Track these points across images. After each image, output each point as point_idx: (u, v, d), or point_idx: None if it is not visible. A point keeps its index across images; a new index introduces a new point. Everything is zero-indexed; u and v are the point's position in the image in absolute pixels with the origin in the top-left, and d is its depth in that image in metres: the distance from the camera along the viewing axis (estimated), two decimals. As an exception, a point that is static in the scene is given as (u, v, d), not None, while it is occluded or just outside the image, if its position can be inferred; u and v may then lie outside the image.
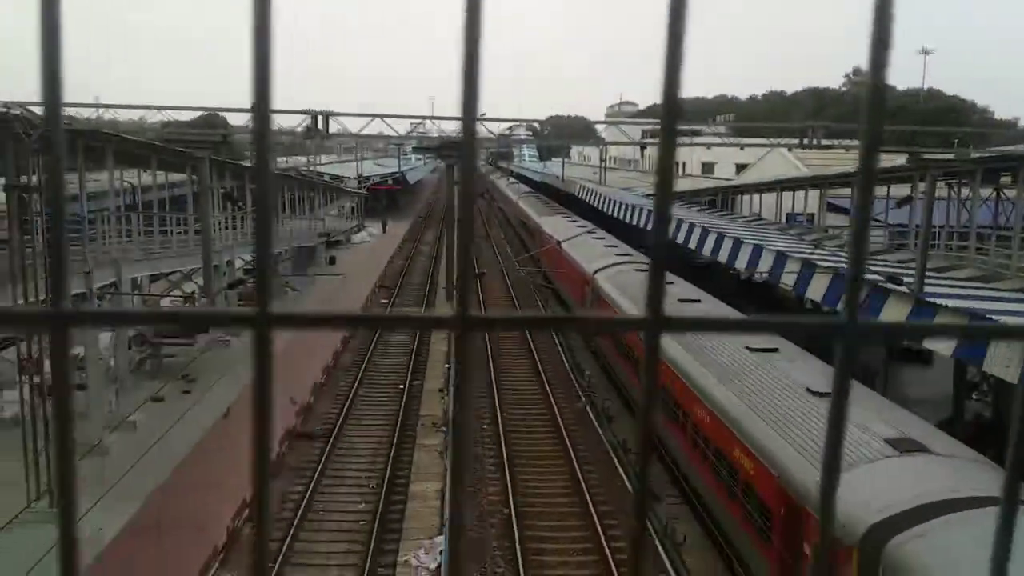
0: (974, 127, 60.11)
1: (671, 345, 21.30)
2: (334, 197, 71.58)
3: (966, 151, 27.59)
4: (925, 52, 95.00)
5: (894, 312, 19.26)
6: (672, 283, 28.58)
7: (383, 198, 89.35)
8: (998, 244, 26.68)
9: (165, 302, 34.54)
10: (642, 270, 31.32)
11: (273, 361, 0.88)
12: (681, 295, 26.02)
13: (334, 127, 37.46)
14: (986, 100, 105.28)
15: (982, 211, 30.04)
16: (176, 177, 44.00)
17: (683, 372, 19.46)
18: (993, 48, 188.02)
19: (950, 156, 27.46)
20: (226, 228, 36.39)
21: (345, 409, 25.74)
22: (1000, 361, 15.20)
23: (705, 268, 38.79)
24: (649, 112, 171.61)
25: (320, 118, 35.90)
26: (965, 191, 30.96)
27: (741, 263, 28.97)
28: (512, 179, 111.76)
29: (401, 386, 28.32)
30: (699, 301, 25.35)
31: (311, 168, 75.84)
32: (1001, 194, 31.39)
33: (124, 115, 41.31)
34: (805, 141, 38.20)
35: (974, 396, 24.64)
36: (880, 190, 38.11)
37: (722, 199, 55.94)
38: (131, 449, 19.93)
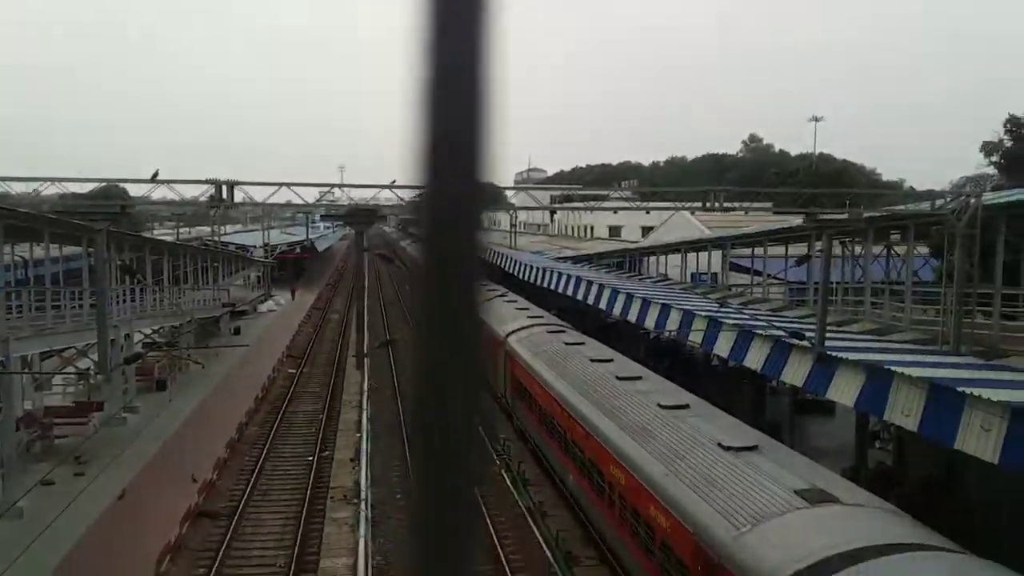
0: (864, 189, 63.32)
1: (583, 404, 21.32)
2: (240, 267, 70.17)
3: (858, 211, 28.82)
4: (815, 119, 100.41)
5: (798, 366, 19.79)
6: (583, 344, 28.84)
7: (291, 267, 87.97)
8: (891, 298, 27.87)
9: (58, 380, 32.84)
10: (553, 331, 31.49)
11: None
12: (594, 355, 26.21)
13: (239, 196, 36.80)
14: (873, 163, 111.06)
15: (875, 267, 31.44)
16: (72, 250, 42.37)
17: (596, 431, 19.44)
18: (877, 116, 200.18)
19: (844, 216, 28.69)
20: (124, 301, 35.03)
21: (251, 484, 24.70)
22: (900, 410, 15.71)
23: (614, 328, 39.29)
24: (557, 178, 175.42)
25: (224, 187, 35.25)
26: (858, 249, 32.41)
27: (650, 322, 29.44)
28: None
29: (310, 458, 27.43)
30: (611, 360, 25.53)
31: (215, 238, 74.29)
32: (892, 251, 33.00)
33: (17, 187, 39.70)
34: (707, 204, 39.52)
35: (876, 445, 25.37)
36: (779, 249, 39.59)
37: (629, 261, 57.07)
38: (17, 538, 18.58)
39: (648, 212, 67.66)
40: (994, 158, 58.07)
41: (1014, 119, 56.07)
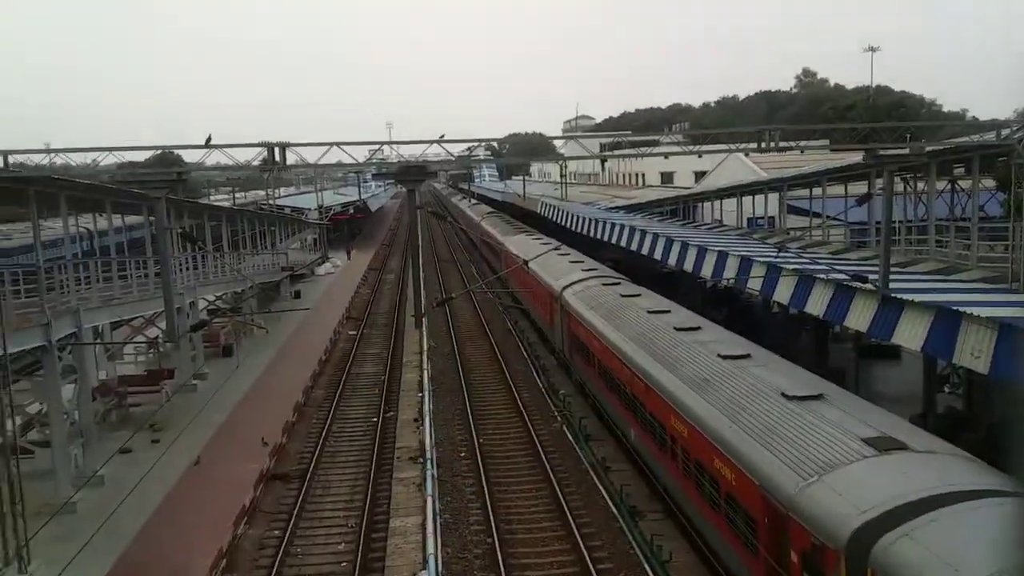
0: (925, 121, 61.19)
1: (641, 357, 21.28)
2: (296, 230, 71.09)
3: (920, 145, 27.94)
4: (871, 50, 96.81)
5: (861, 311, 19.40)
6: (639, 295, 28.68)
7: (345, 227, 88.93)
8: (957, 236, 27.06)
9: (128, 349, 33.92)
10: (608, 284, 31.36)
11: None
12: (651, 306, 26.06)
13: (291, 158, 37.11)
14: (933, 94, 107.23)
15: (939, 204, 30.51)
16: (133, 219, 43.36)
17: (657, 384, 19.41)
18: (936, 43, 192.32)
19: (905, 151, 27.84)
20: (187, 269, 35.82)
21: (319, 447, 25.32)
22: (969, 352, 15.32)
23: (670, 277, 38.99)
24: (606, 125, 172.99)
25: (277, 150, 35.60)
26: (921, 185, 31.45)
27: (707, 271, 29.08)
28: (474, 200, 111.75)
29: (374, 419, 27.97)
30: (669, 311, 25.36)
31: (270, 201, 75.34)
32: (956, 186, 31.95)
33: (76, 159, 40.62)
34: (761, 145, 38.65)
35: (945, 389, 24.86)
36: (838, 189, 38.61)
37: (683, 207, 56.30)
38: (100, 505, 19.41)
39: (700, 156, 66.34)
40: (1065, 82, 55.39)
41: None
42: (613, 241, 40.85)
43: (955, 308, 15.93)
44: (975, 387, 22.46)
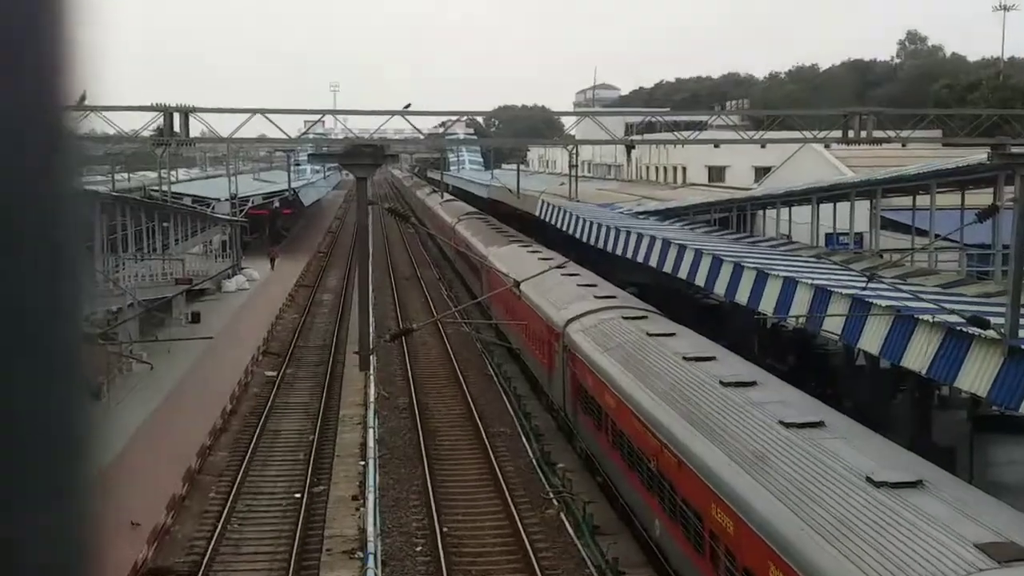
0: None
1: (674, 420, 21.28)
2: (199, 227, 71.06)
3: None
4: (1004, 7, 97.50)
5: (980, 367, 19.48)
6: (673, 334, 28.76)
7: (268, 227, 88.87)
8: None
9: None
10: (631, 317, 31.41)
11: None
12: (689, 351, 26.09)
13: (196, 129, 37.31)
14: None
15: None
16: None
17: (693, 459, 19.41)
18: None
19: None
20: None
21: (217, 532, 25.19)
22: None
23: (716, 311, 39.12)
24: (634, 98, 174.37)
25: (177, 116, 35.73)
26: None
27: (767, 304, 29.19)
28: (448, 195, 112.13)
29: (297, 494, 27.84)
30: (713, 359, 25.41)
31: (164, 188, 75.26)
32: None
33: None
34: (849, 133, 38.99)
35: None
36: (953, 198, 38.97)
37: (738, 216, 56.63)
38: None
39: (763, 146, 67.22)
40: None
41: None
42: (639, 259, 41.01)
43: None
44: None
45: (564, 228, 56.06)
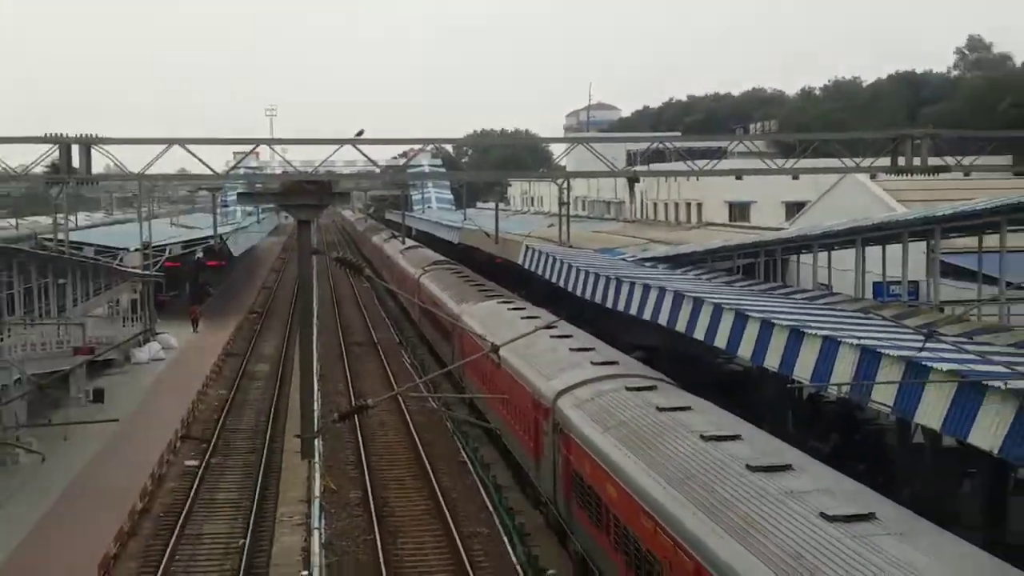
0: None
1: (692, 516, 21.17)
2: (104, 285, 70.95)
3: None
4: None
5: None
6: (689, 408, 28.74)
7: (189, 283, 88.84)
8: None
9: None
10: (636, 388, 31.35)
11: None
12: (707, 429, 26.02)
13: (101, 164, 37.15)
14: None
15: None
16: None
17: (716, 562, 19.29)
18: None
19: None
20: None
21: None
22: None
23: (741, 379, 39.11)
24: (637, 121, 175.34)
25: (76, 149, 35.55)
26: None
27: (802, 371, 29.18)
28: (411, 242, 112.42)
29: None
30: (738, 438, 25.36)
31: (61, 235, 75.20)
32: None
33: None
34: (898, 160, 39.18)
35: None
36: (1027, 238, 39.31)
37: (766, 262, 56.81)
38: None
39: (796, 177, 67.55)
40: None
41: None
42: (646, 316, 41.06)
43: None
44: None
45: (554, 279, 56.16)
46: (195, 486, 39.03)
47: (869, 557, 17.22)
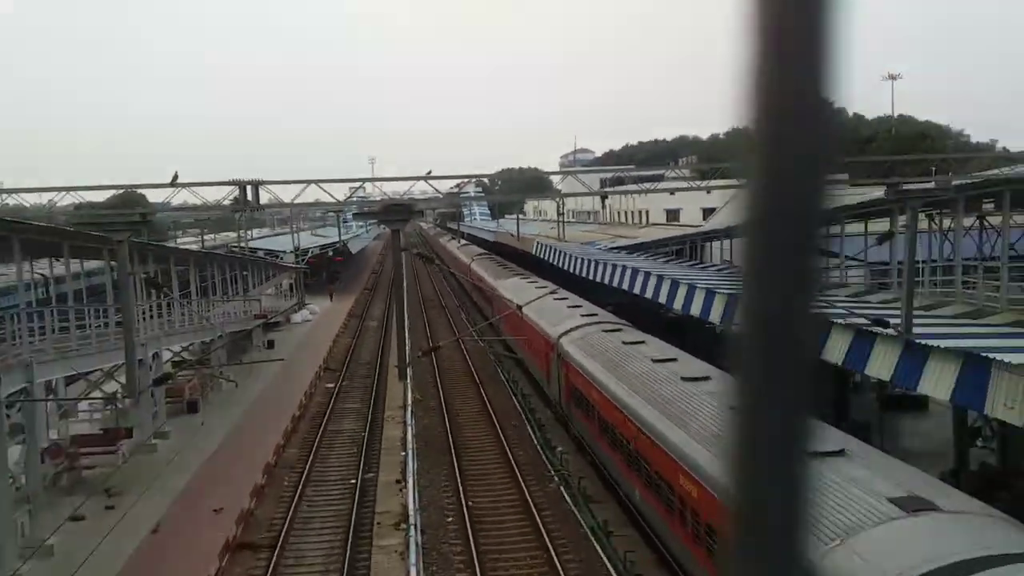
0: (951, 153, 61.81)
1: (646, 410, 21.16)
2: (271, 274, 71.23)
3: (946, 179, 28.28)
4: (892, 78, 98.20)
5: (883, 358, 19.38)
6: (644, 342, 28.65)
7: (325, 271, 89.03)
8: (986, 276, 27.16)
9: (83, 405, 33.69)
10: (609, 330, 31.32)
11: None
12: (656, 355, 26.02)
13: (265, 197, 37.44)
14: (960, 124, 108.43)
15: (966, 242, 30.68)
16: (93, 264, 43.39)
17: (664, 440, 19.28)
18: (962, 72, 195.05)
19: (930, 185, 28.18)
20: (151, 317, 35.72)
21: (291, 511, 25.01)
22: (1002, 403, 15.27)
23: (677, 323, 38.98)
24: (607, 158, 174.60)
25: (249, 188, 35.79)
26: (947, 222, 31.67)
27: (716, 315, 29.06)
28: (463, 240, 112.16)
29: (353, 480, 27.68)
30: (675, 360, 25.32)
31: (242, 244, 75.57)
32: (985, 222, 32.18)
33: (31, 199, 40.82)
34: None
35: (978, 443, 24.73)
36: (858, 226, 38.89)
37: (690, 247, 56.54)
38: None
39: (709, 191, 67.18)
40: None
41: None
42: (614, 284, 40.93)
43: (985, 355, 15.91)
44: (1011, 441, 22.32)
45: (555, 263, 56.03)
46: (332, 399, 39.19)
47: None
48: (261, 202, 38.12)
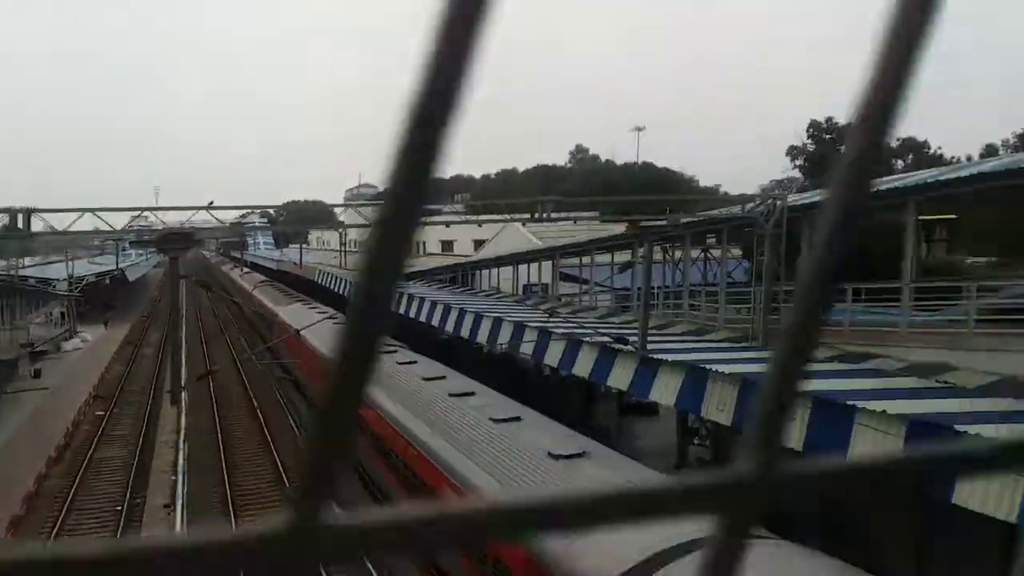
0: (683, 195, 66.85)
1: (413, 423, 21.17)
2: (41, 303, 65.49)
3: (676, 217, 30.47)
4: (638, 129, 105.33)
5: (622, 371, 20.56)
6: (415, 362, 28.73)
7: (101, 299, 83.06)
8: (707, 299, 29.52)
9: None
10: (388, 352, 31.15)
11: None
12: (426, 373, 26.13)
13: (38, 225, 34.33)
14: (692, 171, 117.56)
15: (693, 271, 33.23)
16: None
17: (428, 450, 19.37)
18: (694, 123, 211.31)
19: (663, 223, 30.25)
20: None
21: (52, 539, 22.83)
22: (715, 406, 16.64)
23: (448, 344, 39.44)
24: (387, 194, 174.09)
25: (20, 216, 32.74)
26: (678, 253, 34.16)
27: (483, 336, 29.74)
28: (246, 269, 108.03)
29: (119, 508, 25.74)
30: (444, 378, 25.56)
31: (12, 272, 69.08)
32: (708, 254, 34.99)
33: None
34: (536, 215, 40.42)
35: (695, 441, 26.68)
36: (606, 257, 41.06)
37: (462, 275, 57.48)
38: None
39: (480, 225, 68.61)
40: (799, 161, 62.97)
41: (815, 124, 60.95)
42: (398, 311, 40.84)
43: (703, 366, 17.29)
44: (721, 438, 24.27)
45: (335, 289, 55.23)
46: (102, 426, 36.29)
47: (514, 440, 17.73)
48: (33, 230, 34.94)
